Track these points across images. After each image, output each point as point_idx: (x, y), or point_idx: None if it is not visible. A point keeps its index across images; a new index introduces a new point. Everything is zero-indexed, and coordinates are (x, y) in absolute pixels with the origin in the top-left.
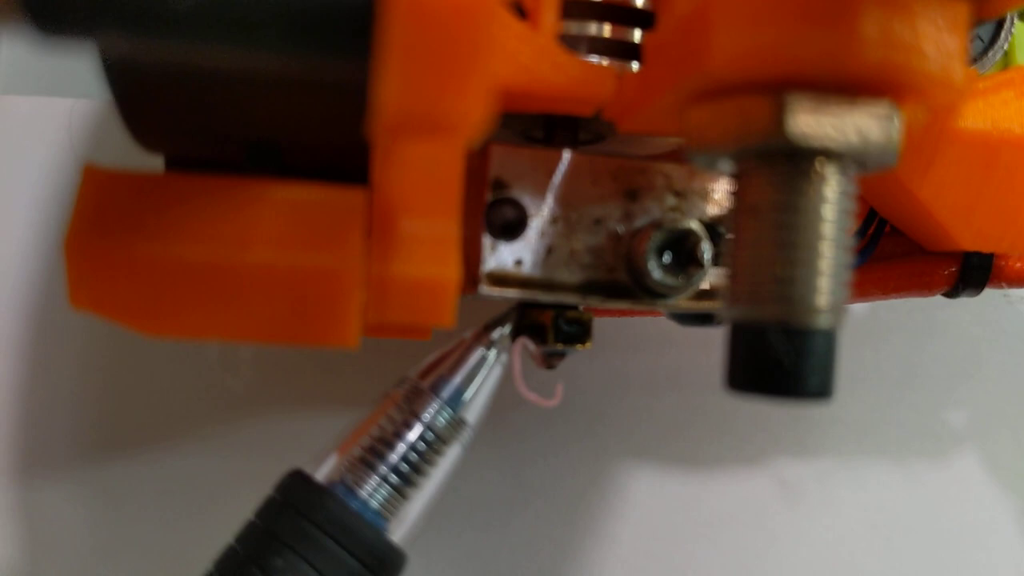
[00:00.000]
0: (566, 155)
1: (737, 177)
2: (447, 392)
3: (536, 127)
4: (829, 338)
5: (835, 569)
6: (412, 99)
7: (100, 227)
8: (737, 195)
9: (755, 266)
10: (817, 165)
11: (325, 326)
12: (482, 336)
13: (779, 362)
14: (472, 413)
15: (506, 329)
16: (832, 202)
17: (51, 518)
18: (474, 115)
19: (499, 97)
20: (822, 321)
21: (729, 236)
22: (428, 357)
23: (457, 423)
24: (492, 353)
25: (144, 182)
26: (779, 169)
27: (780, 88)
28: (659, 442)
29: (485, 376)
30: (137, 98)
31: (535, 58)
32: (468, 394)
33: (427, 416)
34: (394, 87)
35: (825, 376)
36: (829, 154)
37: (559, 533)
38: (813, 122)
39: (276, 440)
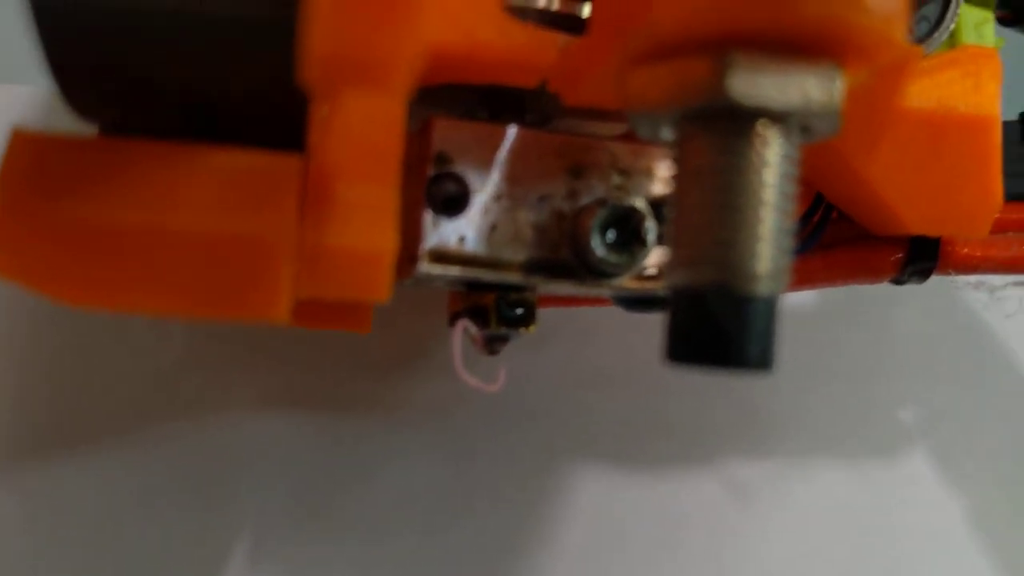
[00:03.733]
0: (511, 130)
1: (679, 143)
2: None
3: (481, 106)
4: (769, 305)
5: (787, 569)
6: (341, 40)
7: (27, 191)
8: (678, 160)
9: (696, 231)
10: (759, 127)
11: (254, 297)
12: None
13: (719, 329)
14: None
15: None
16: (774, 165)
17: None
18: (406, 63)
19: (441, 62)
20: (762, 287)
21: (670, 203)
22: None
23: None
24: None
25: (74, 146)
26: (721, 131)
27: (721, 47)
28: (607, 441)
29: None
30: (68, 52)
31: (477, 21)
32: None
33: None
34: (323, 27)
35: (766, 345)
36: (771, 115)
37: (503, 535)
38: (755, 81)
39: (215, 438)
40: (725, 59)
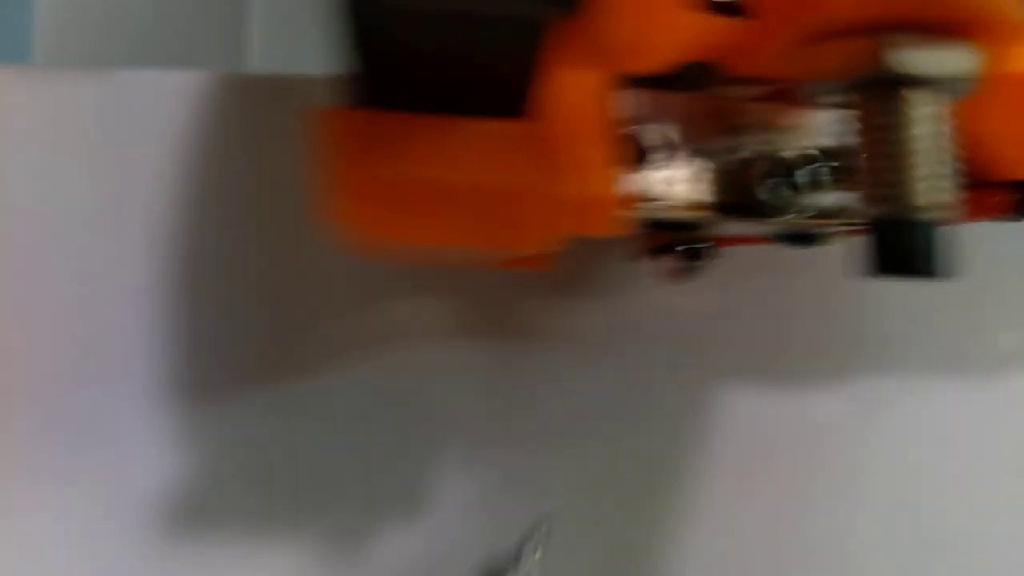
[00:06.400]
0: (685, 96)
1: (857, 107)
2: None
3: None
4: (932, 229)
5: (907, 479)
6: (632, 31)
7: (360, 158)
8: (855, 120)
9: (876, 175)
10: (916, 92)
11: (516, 234)
12: None
13: (903, 248)
14: None
15: None
16: (929, 122)
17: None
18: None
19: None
20: (925, 215)
21: (854, 156)
22: None
23: None
24: None
25: (373, 120)
26: (885, 96)
27: (882, 30)
28: (745, 362)
29: None
30: (380, 48)
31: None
32: None
33: None
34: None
35: (938, 259)
36: (924, 83)
37: (664, 449)
38: (911, 57)
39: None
40: (887, 39)
